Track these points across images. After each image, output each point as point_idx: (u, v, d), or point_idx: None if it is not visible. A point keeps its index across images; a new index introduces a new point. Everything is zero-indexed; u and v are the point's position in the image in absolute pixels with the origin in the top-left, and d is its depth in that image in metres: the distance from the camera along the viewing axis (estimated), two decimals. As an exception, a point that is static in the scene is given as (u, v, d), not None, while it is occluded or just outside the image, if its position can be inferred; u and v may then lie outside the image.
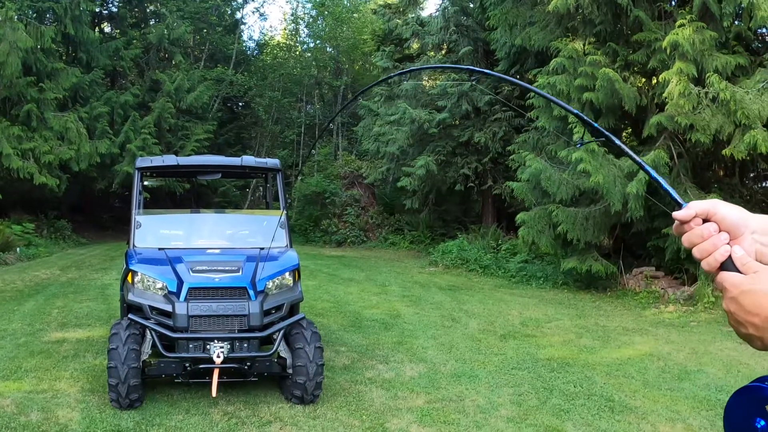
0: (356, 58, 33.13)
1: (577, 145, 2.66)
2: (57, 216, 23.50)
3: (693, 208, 1.33)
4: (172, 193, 23.83)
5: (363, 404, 6.86)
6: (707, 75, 11.29)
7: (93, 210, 27.00)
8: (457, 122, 21.50)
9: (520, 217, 15.05)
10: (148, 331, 6.49)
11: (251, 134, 31.84)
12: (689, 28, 11.54)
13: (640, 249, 14.91)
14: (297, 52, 34.04)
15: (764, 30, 11.91)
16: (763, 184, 16.45)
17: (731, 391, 1.34)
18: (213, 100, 28.39)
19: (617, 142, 1.75)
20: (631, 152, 1.71)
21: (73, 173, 21.90)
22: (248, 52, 34.08)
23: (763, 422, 1.26)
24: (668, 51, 11.73)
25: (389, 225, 26.75)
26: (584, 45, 14.21)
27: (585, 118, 1.96)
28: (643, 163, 1.63)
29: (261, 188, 30.63)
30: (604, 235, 14.16)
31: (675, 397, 7.37)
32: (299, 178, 27.63)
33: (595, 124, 1.93)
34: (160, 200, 23.54)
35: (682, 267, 13.41)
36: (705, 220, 1.33)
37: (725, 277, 1.28)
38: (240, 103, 32.41)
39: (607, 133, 1.85)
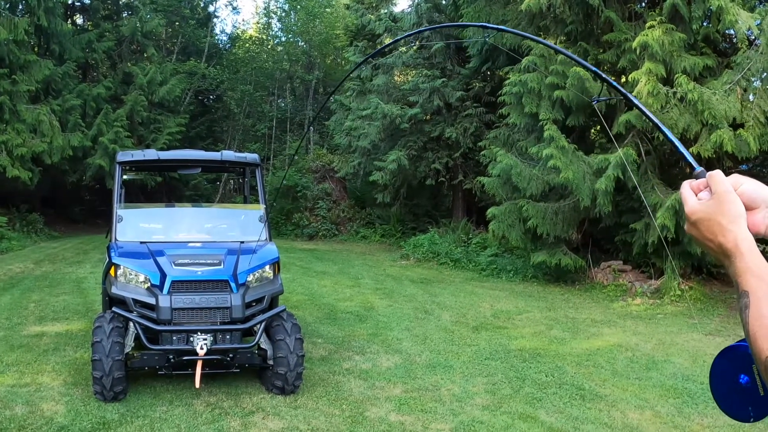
0: (328, 52, 33.12)
1: (593, 101, 2.76)
2: (29, 209, 23.28)
3: (722, 174, 1.40)
4: (144, 186, 23.73)
5: (342, 394, 7.00)
6: (676, 76, 11.52)
7: (64, 203, 26.77)
8: (429, 117, 21.62)
9: (490, 211, 15.21)
10: (131, 324, 6.57)
11: (223, 127, 31.70)
12: (659, 30, 11.76)
13: (608, 243, 15.15)
14: (269, 46, 33.96)
15: (732, 32, 12.13)
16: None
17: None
18: (185, 94, 28.28)
19: (635, 101, 1.80)
20: (647, 111, 1.76)
21: (45, 166, 21.69)
22: (220, 46, 33.96)
23: (747, 378, 1.38)
24: (638, 51, 11.95)
25: (360, 218, 26.83)
26: (555, 44, 14.39)
27: (603, 75, 2.03)
28: (660, 124, 1.71)
29: (232, 182, 30.59)
30: (573, 229, 14.38)
31: (643, 386, 7.60)
32: (289, 166, 27.60)
33: (613, 83, 2.00)
34: (131, 194, 23.41)
35: (649, 261, 13.67)
36: None
37: (685, 200, 1.42)
38: (211, 97, 32.29)
39: (623, 90, 1.91)
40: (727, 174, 1.41)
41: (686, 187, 1.44)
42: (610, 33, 13.28)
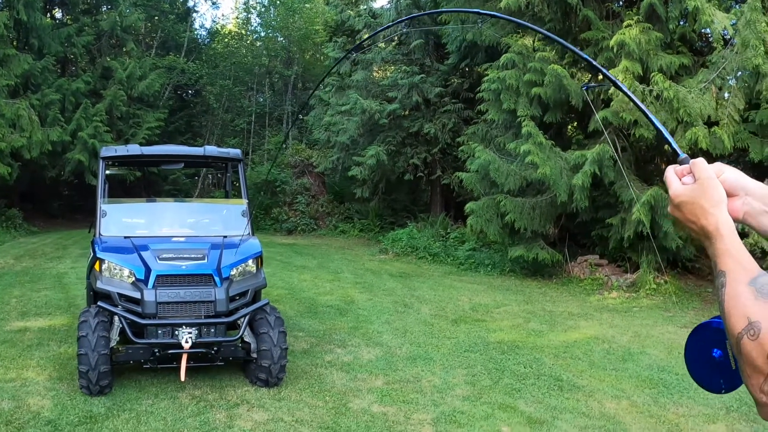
0: (307, 48, 33.06)
1: (583, 87, 2.80)
2: (7, 205, 23.11)
3: (704, 161, 1.48)
4: (123, 180, 23.62)
5: (325, 386, 7.07)
6: (652, 74, 11.66)
7: (43, 198, 26.59)
8: (407, 113, 21.70)
9: (469, 206, 15.32)
10: (116, 318, 6.60)
11: (202, 122, 31.59)
12: (636, 29, 11.91)
13: (584, 238, 15.31)
14: (248, 41, 33.87)
15: (708, 32, 12.29)
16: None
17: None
18: (164, 88, 28.16)
19: (623, 88, 1.88)
20: (635, 98, 1.82)
21: (24, 161, 21.52)
22: (200, 41, 33.84)
23: (720, 352, 1.48)
24: (615, 50, 12.08)
25: (339, 213, 26.87)
26: (534, 41, 14.55)
27: (594, 62, 2.08)
28: (647, 112, 1.77)
29: (210, 176, 30.50)
30: (550, 224, 14.53)
31: (620, 377, 7.73)
32: (274, 161, 27.57)
33: (606, 71, 2.03)
34: (111, 188, 23.19)
35: (625, 255, 13.83)
36: None
37: (670, 184, 1.50)
38: (190, 92, 32.16)
39: (612, 77, 1.97)
40: None
41: (671, 171, 1.51)
42: (588, 31, 13.41)
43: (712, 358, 1.51)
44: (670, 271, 13.44)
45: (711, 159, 11.69)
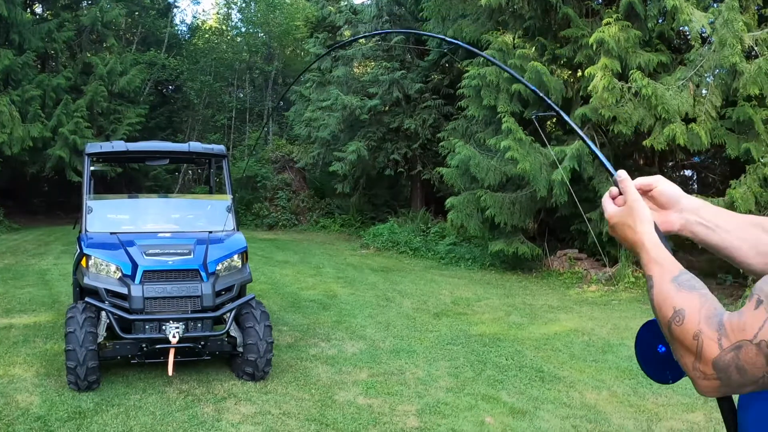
0: (288, 43, 32.94)
1: (532, 116, 3.03)
2: (-12, 201, 22.94)
3: (630, 181, 1.67)
4: (104, 176, 23.49)
5: (311, 379, 7.14)
6: (631, 71, 11.79)
7: (24, 195, 26.37)
8: (388, 109, 21.74)
9: (449, 201, 15.41)
10: (103, 314, 6.63)
11: (182, 118, 31.40)
12: (615, 27, 12.04)
13: (563, 232, 15.45)
14: (229, 37, 33.75)
15: (686, 30, 12.45)
16: (681, 173, 17.22)
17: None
18: (145, 84, 27.96)
19: (566, 117, 2.09)
20: (578, 128, 2.04)
21: (4, 157, 21.33)
22: (180, 36, 33.64)
23: (664, 347, 1.64)
24: (594, 47, 12.19)
25: (320, 209, 26.86)
26: (514, 38, 14.65)
27: (540, 93, 2.27)
28: (585, 137, 2.01)
29: (191, 172, 30.41)
30: (529, 219, 14.65)
31: (600, 368, 7.86)
32: (251, 156, 27.49)
33: (549, 100, 2.22)
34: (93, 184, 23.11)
35: (604, 250, 13.97)
36: (645, 191, 1.70)
37: (605, 208, 1.70)
38: (171, 87, 32.03)
39: (558, 109, 2.21)
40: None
41: (606, 197, 1.72)
42: (568, 29, 13.53)
43: (658, 353, 1.67)
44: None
45: (689, 154, 11.90)
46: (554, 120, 16.87)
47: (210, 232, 7.79)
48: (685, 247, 13.34)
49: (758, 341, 1.27)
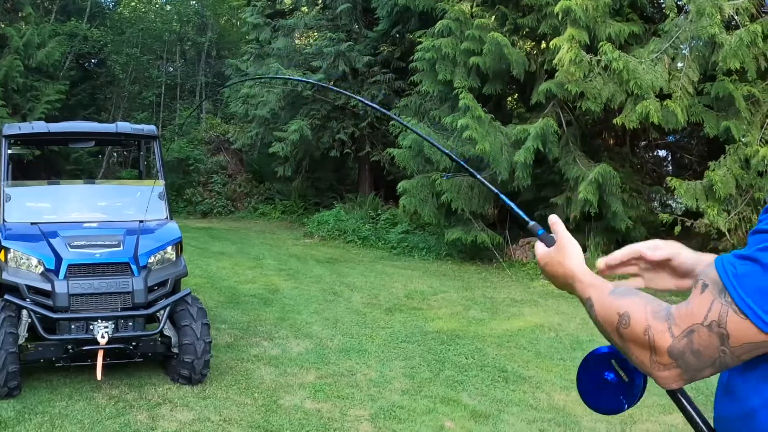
0: (222, 12, 32.60)
1: (444, 177, 3.17)
2: None
3: (560, 223, 1.91)
4: (20, 160, 22.96)
5: (253, 382, 7.07)
6: (600, 43, 11.82)
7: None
8: (333, 84, 21.60)
9: (401, 185, 15.36)
10: (24, 313, 6.46)
11: (106, 95, 30.81)
12: (583, -6, 12.03)
13: (526, 219, 15.48)
14: (157, 5, 33.28)
15: (661, -1, 12.55)
16: (654, 153, 17.38)
17: None
18: (65, 58, 27.38)
19: (478, 177, 2.41)
20: (490, 185, 2.41)
21: None
22: (104, 4, 33.01)
23: (612, 374, 1.78)
24: (560, 16, 12.15)
25: (259, 194, 26.66)
26: (472, 7, 14.57)
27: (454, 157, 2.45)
28: (499, 193, 2.37)
29: (115, 155, 29.88)
30: (489, 204, 14.67)
31: (568, 367, 7.90)
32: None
33: (463, 163, 2.56)
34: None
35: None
36: (664, 263, 1.87)
37: (536, 248, 1.91)
38: (93, 61, 31.38)
39: (471, 170, 2.51)
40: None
41: (538, 242, 1.92)
42: (531, -4, 13.52)
43: (606, 381, 1.79)
44: (618, 253, 13.70)
45: (663, 133, 12.04)
46: (515, 96, 16.95)
47: (141, 221, 7.64)
48: (659, 234, 13.52)
49: (708, 323, 1.40)
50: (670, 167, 17.74)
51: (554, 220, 1.90)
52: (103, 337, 6.21)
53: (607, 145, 14.80)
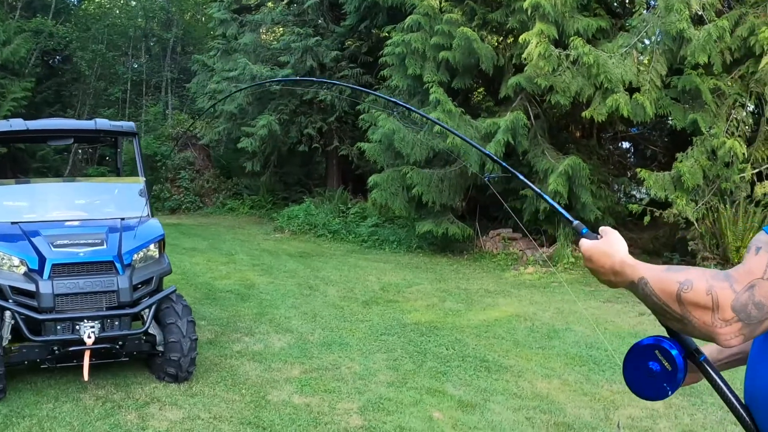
0: (188, 8, 32.33)
1: (485, 178, 3.26)
2: None
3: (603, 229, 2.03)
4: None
5: (239, 378, 7.04)
6: (571, 38, 11.90)
7: None
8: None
9: (372, 179, 15.36)
10: (7, 314, 6.33)
11: (72, 91, 30.41)
12: (551, -10, 12.10)
13: (496, 211, 15.59)
14: (122, 1, 32.92)
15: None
16: (620, 145, 17.57)
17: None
18: (30, 54, 26.99)
19: (520, 176, 2.53)
20: (531, 185, 2.54)
21: None
22: (69, 1, 32.55)
23: (656, 364, 1.88)
24: (529, 11, 12.20)
25: (227, 189, 26.53)
26: (441, 2, 14.59)
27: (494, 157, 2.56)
28: (545, 195, 2.48)
29: (81, 152, 29.51)
30: (459, 197, 14.72)
31: (547, 355, 7.99)
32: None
33: (504, 164, 2.67)
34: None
35: (540, 228, 14.16)
36: None
37: (581, 243, 2.00)
38: (59, 57, 30.90)
39: (513, 170, 2.65)
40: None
41: (583, 239, 2.02)
42: (500, -9, 13.58)
43: (651, 371, 1.90)
44: (589, 243, 13.81)
45: (629, 125, 12.16)
46: (481, 90, 16.99)
47: (122, 218, 7.56)
48: (627, 225, 13.67)
49: None
50: (633, 158, 17.94)
51: (608, 230, 2.00)
52: (89, 337, 6.12)
53: (574, 138, 14.90)
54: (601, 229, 2.01)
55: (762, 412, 1.75)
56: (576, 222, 2.14)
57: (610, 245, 1.91)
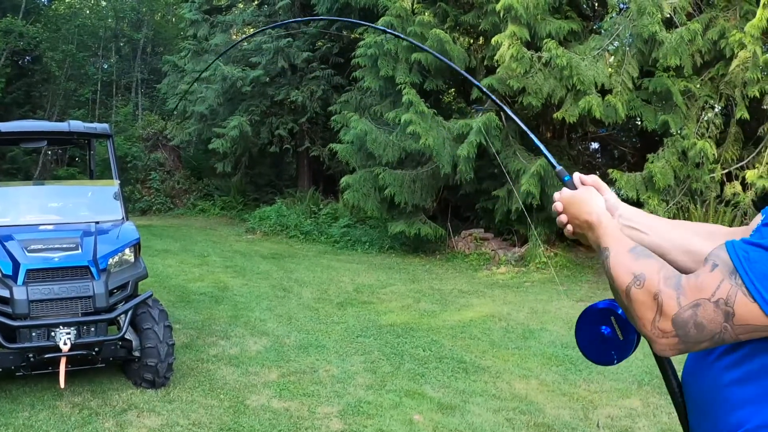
0: (158, 8, 32.06)
1: (474, 109, 3.12)
2: None
3: (586, 178, 2.01)
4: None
5: (216, 383, 6.93)
6: (544, 41, 11.90)
7: None
8: (272, 80, 21.36)
9: (344, 180, 15.29)
10: None
11: (42, 92, 30.01)
12: (524, -8, 12.09)
13: (467, 211, 15.59)
14: (93, 1, 32.55)
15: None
16: (590, 146, 17.66)
17: (576, 348, 1.95)
18: (0, 55, 26.63)
19: (509, 112, 2.48)
20: (520, 122, 2.46)
21: None
22: (39, 1, 32.09)
23: (608, 329, 1.91)
24: (501, 14, 12.20)
25: (198, 190, 26.33)
26: (413, 4, 14.55)
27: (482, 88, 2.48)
28: (538, 143, 2.38)
29: (50, 153, 29.11)
30: (431, 197, 14.70)
31: (523, 355, 7.98)
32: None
33: (490, 95, 2.56)
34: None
35: (512, 228, 14.17)
36: None
37: (562, 191, 1.97)
38: (28, 58, 30.48)
39: (499, 103, 2.56)
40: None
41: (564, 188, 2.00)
42: (473, -6, 13.56)
43: (602, 334, 1.92)
44: (560, 243, 13.89)
45: (599, 126, 12.16)
46: (452, 91, 16.98)
47: (97, 222, 7.41)
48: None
49: (716, 299, 1.50)
50: (601, 158, 18.04)
51: (594, 178, 2.00)
52: (65, 343, 5.97)
53: (545, 139, 14.91)
54: (582, 177, 2.01)
55: (696, 415, 1.75)
56: (559, 168, 2.08)
57: (591, 197, 1.91)
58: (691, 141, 11.25)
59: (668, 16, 11.26)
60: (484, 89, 2.63)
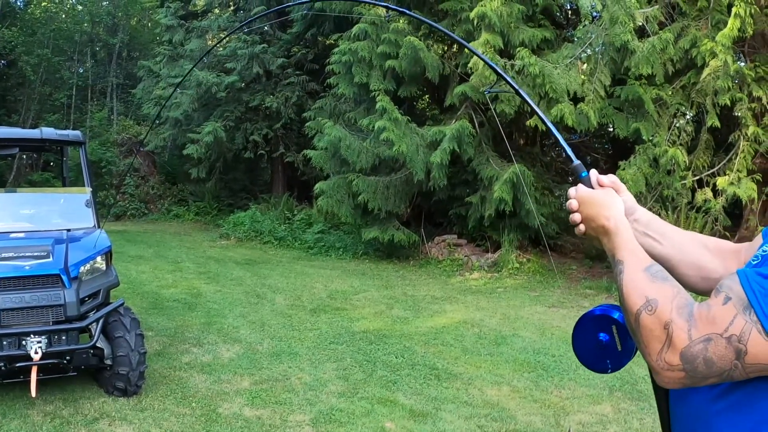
0: (134, 13, 31.86)
1: (486, 92, 3.01)
2: None
3: (603, 178, 1.87)
4: None
5: (188, 391, 6.83)
6: (517, 49, 11.91)
7: None
8: (247, 85, 21.29)
9: (318, 186, 15.24)
10: None
11: (17, 96, 29.74)
12: (497, 0, 12.08)
13: (440, 217, 15.58)
14: (68, 5, 32.27)
15: (573, 6, 12.71)
16: (562, 152, 17.67)
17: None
18: (-26, 59, 26.39)
19: (523, 94, 2.27)
20: (544, 116, 2.25)
21: None
22: (14, 4, 31.72)
23: (606, 336, 1.83)
24: (475, 22, 12.22)
25: (172, 196, 26.16)
26: (388, 11, 14.51)
27: (496, 68, 2.37)
28: (549, 123, 2.22)
29: (24, 157, 28.84)
30: (404, 203, 14.68)
31: (496, 362, 7.94)
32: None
33: (506, 76, 2.39)
34: None
35: (485, 234, 14.17)
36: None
37: (578, 188, 1.85)
38: (3, 62, 30.20)
39: (515, 86, 2.34)
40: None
41: (580, 184, 1.88)
42: (446, 2, 13.56)
43: (600, 341, 1.84)
44: (533, 249, 13.91)
45: (571, 133, 12.20)
46: (426, 98, 16.97)
47: (68, 230, 7.31)
48: (570, 230, 13.71)
49: (729, 335, 1.41)
50: (573, 165, 18.06)
51: (612, 178, 1.88)
52: (36, 352, 5.87)
53: (518, 146, 14.95)
54: (599, 177, 1.88)
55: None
56: (577, 162, 1.95)
57: (610, 199, 1.78)
58: (662, 148, 11.30)
59: (640, 25, 11.30)
60: (492, 64, 2.58)
